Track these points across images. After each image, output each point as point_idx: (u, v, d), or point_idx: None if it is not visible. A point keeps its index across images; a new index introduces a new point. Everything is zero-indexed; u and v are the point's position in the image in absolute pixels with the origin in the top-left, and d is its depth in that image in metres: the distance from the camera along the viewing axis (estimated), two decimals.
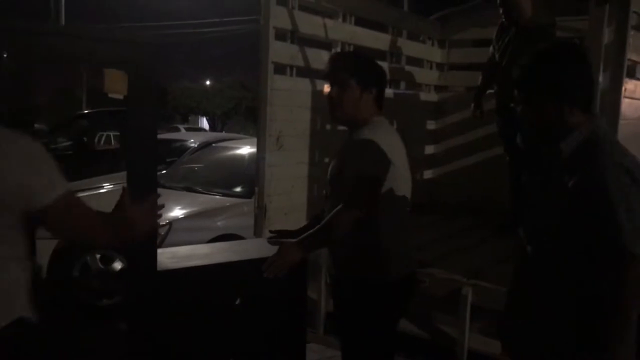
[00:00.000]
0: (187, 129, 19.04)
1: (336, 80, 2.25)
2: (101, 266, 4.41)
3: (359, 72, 2.23)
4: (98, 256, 4.40)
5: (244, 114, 27.28)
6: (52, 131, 10.25)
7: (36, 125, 14.04)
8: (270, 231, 2.79)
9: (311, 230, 2.27)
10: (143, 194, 2.01)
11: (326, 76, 2.31)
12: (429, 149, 5.33)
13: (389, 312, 2.27)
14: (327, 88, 2.30)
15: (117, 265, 4.41)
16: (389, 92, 4.65)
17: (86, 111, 13.18)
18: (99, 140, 9.59)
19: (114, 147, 10.17)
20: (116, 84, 1.84)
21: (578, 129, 1.69)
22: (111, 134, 11.44)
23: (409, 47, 4.90)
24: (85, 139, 9.20)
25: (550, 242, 1.70)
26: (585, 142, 1.67)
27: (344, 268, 2.31)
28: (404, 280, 2.27)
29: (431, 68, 5.27)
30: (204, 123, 29.92)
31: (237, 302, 2.30)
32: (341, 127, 2.39)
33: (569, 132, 1.69)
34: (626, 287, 1.54)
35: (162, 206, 1.90)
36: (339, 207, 2.15)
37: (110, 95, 1.88)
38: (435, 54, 5.29)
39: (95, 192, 5.11)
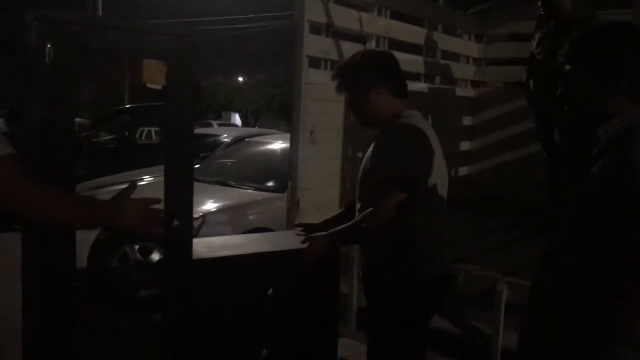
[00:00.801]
0: (220, 125, 19.26)
1: (345, 90, 2.22)
2: (139, 257, 4.48)
3: (361, 73, 2.16)
4: (137, 247, 4.48)
5: (276, 111, 27.42)
6: (94, 125, 10.47)
7: (79, 119, 14.36)
8: (295, 225, 2.81)
9: (345, 225, 2.25)
10: (180, 185, 2.05)
11: (336, 89, 2.26)
12: (465, 145, 5.26)
13: (421, 312, 2.24)
14: None
15: (156, 257, 4.47)
16: (423, 86, 4.61)
17: (128, 106, 13.36)
18: (141, 135, 9.73)
19: (155, 142, 10.28)
20: (154, 75, 1.86)
21: (620, 117, 1.56)
22: (152, 129, 11.56)
23: (445, 42, 4.84)
24: (126, 133, 9.34)
25: (573, 236, 1.58)
26: (625, 130, 1.54)
27: (377, 268, 2.27)
28: (437, 281, 2.22)
29: (468, 63, 5.20)
30: (237, 119, 30.20)
31: (270, 292, 2.31)
32: None
33: (610, 118, 1.57)
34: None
35: (159, 212, 1.87)
36: (372, 208, 2.09)
37: (148, 85, 1.91)
38: (472, 48, 5.21)
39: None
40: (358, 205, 2.27)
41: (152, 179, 5.26)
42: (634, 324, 1.43)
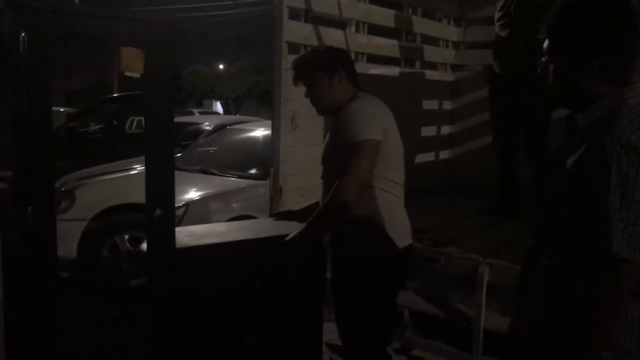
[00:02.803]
0: (201, 113, 19.08)
1: (305, 81, 2.34)
2: (129, 247, 4.47)
3: (318, 63, 2.31)
4: (126, 237, 4.46)
5: (257, 98, 27.24)
6: (83, 114, 10.33)
7: (67, 109, 14.17)
8: (273, 214, 2.83)
9: (314, 214, 2.26)
10: (161, 175, 2.03)
11: (296, 83, 2.39)
12: (445, 129, 5.29)
13: (385, 287, 2.29)
14: None
15: (145, 246, 4.44)
16: (402, 71, 4.62)
17: (116, 95, 13.17)
18: (130, 125, 9.61)
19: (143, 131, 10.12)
20: (133, 62, 1.84)
21: (601, 101, 1.40)
22: (142, 118, 11.35)
23: (425, 26, 4.84)
24: (115, 122, 9.23)
25: (548, 234, 1.48)
26: (605, 116, 1.37)
27: (340, 246, 2.33)
28: (399, 255, 2.28)
29: (447, 47, 5.21)
30: (218, 107, 29.96)
31: (256, 281, 2.32)
32: None
33: (591, 102, 1.41)
34: (603, 293, 1.31)
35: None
36: (338, 181, 2.14)
37: (126, 73, 1.88)
38: (451, 32, 5.22)
39: (125, 173, 5.18)
40: (322, 187, 2.33)
41: (142, 168, 5.22)
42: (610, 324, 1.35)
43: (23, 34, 1.68)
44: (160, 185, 2.03)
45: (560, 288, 1.44)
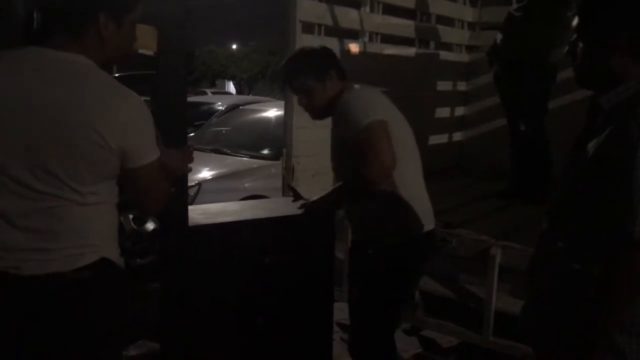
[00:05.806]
0: (214, 93, 19.12)
1: (297, 90, 2.32)
2: (134, 226, 4.50)
3: (310, 71, 2.24)
4: (131, 216, 4.49)
5: (270, 78, 27.20)
6: None
7: None
8: (288, 186, 2.88)
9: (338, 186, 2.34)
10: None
11: (283, 88, 2.34)
12: (459, 111, 5.25)
13: (404, 271, 2.30)
14: (354, 48, 2.28)
15: (150, 226, 4.49)
16: (418, 51, 4.57)
17: (117, 75, 13.21)
18: None
19: None
20: (146, 40, 1.84)
21: (625, 83, 1.36)
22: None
23: (439, 6, 4.78)
24: None
25: (564, 217, 1.46)
26: (632, 98, 1.34)
27: (361, 231, 2.34)
28: (420, 240, 2.28)
29: (462, 27, 5.15)
30: (231, 87, 29.97)
31: (267, 260, 2.33)
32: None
33: (616, 84, 1.38)
34: (619, 278, 1.29)
35: (192, 151, 1.89)
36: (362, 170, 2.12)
37: (140, 51, 1.88)
38: (467, 13, 5.15)
39: None
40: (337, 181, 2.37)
41: None
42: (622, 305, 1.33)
43: (37, 11, 1.68)
44: None
45: (575, 272, 1.42)
